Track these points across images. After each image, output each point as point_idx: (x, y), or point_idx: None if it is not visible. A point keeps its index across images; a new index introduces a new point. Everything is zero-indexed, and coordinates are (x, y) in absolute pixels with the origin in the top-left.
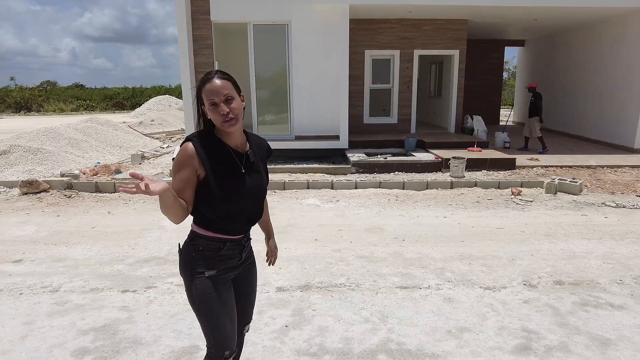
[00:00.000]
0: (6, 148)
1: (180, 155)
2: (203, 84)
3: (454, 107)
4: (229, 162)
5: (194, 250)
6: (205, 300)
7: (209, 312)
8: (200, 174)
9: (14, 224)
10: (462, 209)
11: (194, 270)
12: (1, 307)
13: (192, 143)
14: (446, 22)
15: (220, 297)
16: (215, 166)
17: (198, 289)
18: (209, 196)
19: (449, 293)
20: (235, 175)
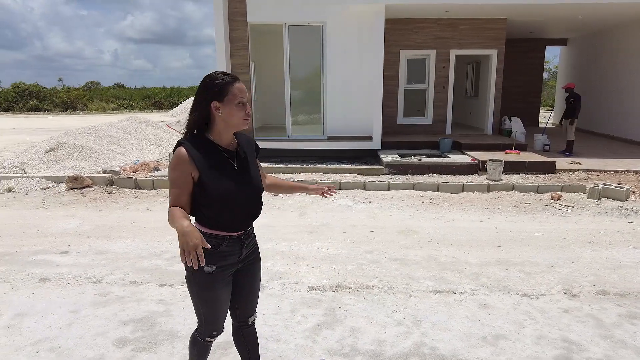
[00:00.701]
0: (54, 145)
1: (173, 160)
2: (232, 83)
3: (491, 108)
4: (222, 161)
5: None
6: (201, 292)
7: (206, 302)
8: (194, 175)
9: (61, 218)
10: (499, 213)
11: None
12: (50, 295)
13: (184, 147)
14: (484, 21)
15: (217, 291)
16: (208, 166)
17: (196, 281)
18: (206, 195)
19: (484, 299)
20: (229, 173)
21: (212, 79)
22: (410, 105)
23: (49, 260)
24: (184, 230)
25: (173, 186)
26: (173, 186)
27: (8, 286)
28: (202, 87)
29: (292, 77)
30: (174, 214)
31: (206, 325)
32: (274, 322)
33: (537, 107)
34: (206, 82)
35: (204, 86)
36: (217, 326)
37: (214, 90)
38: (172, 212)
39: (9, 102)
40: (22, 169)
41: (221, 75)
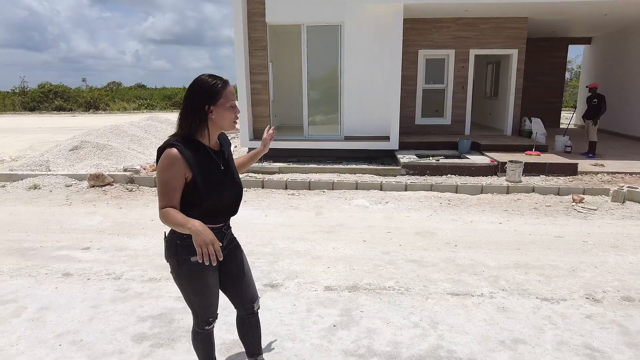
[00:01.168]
0: (77, 144)
1: (166, 161)
2: (224, 87)
3: (511, 108)
4: (210, 161)
5: (179, 238)
6: (190, 281)
7: (193, 291)
8: (187, 176)
9: (83, 214)
10: (519, 216)
11: (180, 256)
12: (72, 290)
13: (177, 148)
14: (504, 21)
15: (204, 278)
16: (200, 166)
17: (184, 271)
18: (197, 194)
19: (502, 302)
20: (217, 172)
21: (204, 82)
22: (428, 106)
23: (72, 256)
24: (197, 229)
25: (165, 187)
26: (165, 187)
27: (32, 280)
28: (196, 90)
29: (310, 77)
30: (174, 215)
31: (201, 315)
32: (290, 321)
33: (558, 107)
34: (199, 85)
35: (198, 90)
36: (211, 313)
37: (207, 93)
38: (169, 213)
39: (36, 102)
40: (47, 166)
41: (213, 78)
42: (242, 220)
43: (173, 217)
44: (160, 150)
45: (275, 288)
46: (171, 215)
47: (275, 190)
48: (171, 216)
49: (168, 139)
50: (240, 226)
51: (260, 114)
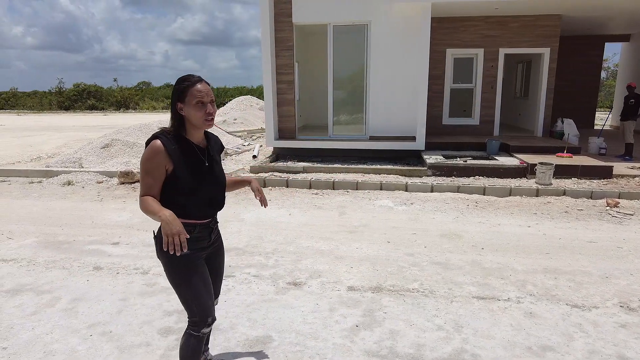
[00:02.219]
0: (108, 142)
1: (149, 152)
2: (192, 85)
3: (542, 109)
4: (195, 157)
5: None
6: (184, 275)
7: (189, 285)
8: (168, 168)
9: (113, 210)
10: (549, 219)
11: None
12: (102, 283)
13: (160, 140)
14: (536, 18)
15: (197, 270)
16: (182, 160)
17: (177, 267)
18: (179, 187)
19: (530, 307)
20: (201, 167)
21: (177, 82)
22: (456, 106)
23: (102, 250)
24: (167, 218)
25: (147, 176)
26: (147, 176)
27: (66, 272)
28: (173, 90)
29: (335, 77)
30: (150, 204)
31: (199, 311)
32: (312, 320)
33: (592, 108)
34: (175, 85)
35: (174, 90)
36: (208, 310)
37: (177, 92)
38: (147, 201)
39: (70, 102)
40: (80, 163)
41: (184, 78)
42: (267, 218)
43: (149, 204)
44: (147, 143)
45: (299, 286)
46: (147, 203)
47: (299, 189)
48: (147, 204)
49: (155, 132)
50: (264, 224)
51: (286, 113)
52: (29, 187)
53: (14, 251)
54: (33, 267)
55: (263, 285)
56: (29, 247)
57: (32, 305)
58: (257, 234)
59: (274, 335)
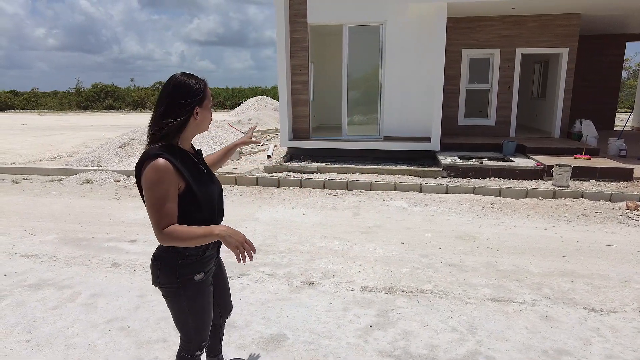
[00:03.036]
0: (126, 141)
1: (155, 175)
2: (206, 87)
3: (559, 109)
4: (195, 166)
5: (180, 257)
6: (191, 303)
7: (196, 313)
8: (180, 186)
9: (130, 208)
10: (565, 222)
11: (182, 277)
12: (120, 279)
13: (164, 158)
14: (554, 18)
15: (205, 298)
16: (190, 173)
17: (189, 293)
18: (195, 203)
19: (546, 310)
20: (203, 176)
21: (188, 84)
22: (471, 106)
23: (120, 248)
24: (228, 232)
25: (161, 202)
26: (161, 202)
27: (85, 268)
28: (182, 92)
29: (350, 77)
30: (187, 231)
31: (195, 337)
32: (326, 319)
33: (612, 109)
34: (185, 87)
35: (184, 92)
36: (205, 335)
37: (197, 96)
38: (182, 230)
39: (89, 101)
40: (98, 162)
41: (194, 79)
42: (281, 218)
43: (187, 232)
44: (139, 165)
45: (312, 286)
46: (183, 231)
47: (313, 189)
48: (184, 232)
49: (148, 150)
50: (278, 224)
51: (300, 114)
52: (49, 185)
53: (36, 247)
54: (54, 263)
55: (277, 284)
56: (50, 243)
57: (54, 300)
58: (271, 233)
59: (288, 333)
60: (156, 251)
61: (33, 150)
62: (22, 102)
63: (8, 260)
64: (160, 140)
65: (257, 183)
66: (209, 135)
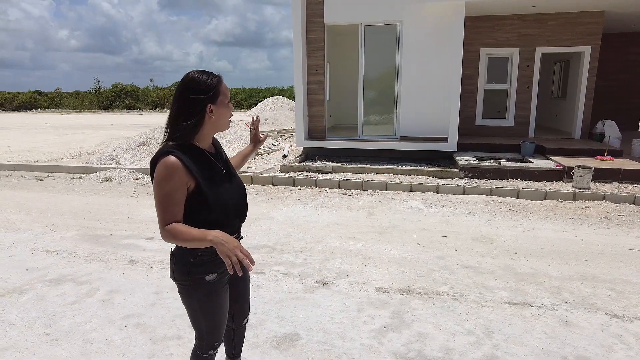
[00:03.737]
0: (144, 140)
1: (164, 171)
2: (220, 82)
3: (580, 110)
4: (212, 166)
5: (192, 256)
6: (203, 303)
7: (207, 313)
8: (190, 185)
9: (148, 206)
10: (586, 224)
11: (194, 276)
12: (137, 276)
13: (174, 155)
14: (576, 16)
15: (218, 299)
16: (202, 173)
17: (199, 293)
18: (204, 204)
19: (566, 315)
20: (220, 177)
21: (201, 80)
22: (489, 106)
23: (137, 245)
24: (221, 239)
25: (167, 200)
26: (167, 200)
27: (103, 265)
28: (194, 89)
29: (366, 77)
30: (185, 231)
31: (207, 337)
32: (340, 320)
33: (637, 109)
34: (197, 84)
35: (196, 89)
36: (218, 336)
37: (209, 92)
38: (177, 229)
39: (109, 101)
40: (118, 161)
41: (207, 75)
42: (296, 217)
43: (185, 232)
44: (154, 162)
45: (327, 286)
46: (181, 231)
47: (328, 189)
48: (182, 232)
49: (162, 147)
50: (293, 223)
51: (316, 114)
52: (70, 182)
53: (56, 243)
54: (73, 259)
55: (291, 283)
56: (70, 239)
57: (73, 295)
58: (286, 233)
59: (302, 333)
60: (173, 247)
61: (55, 148)
62: (46, 102)
63: (30, 255)
64: (176, 139)
65: (272, 182)
66: (226, 135)
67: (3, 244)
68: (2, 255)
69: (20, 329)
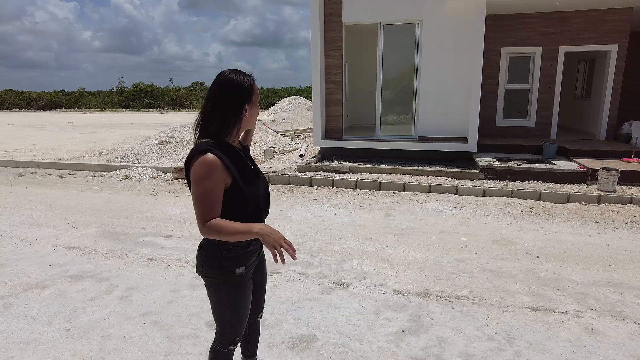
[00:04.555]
0: (164, 139)
1: (204, 169)
2: (254, 83)
3: (606, 110)
4: (243, 162)
5: (224, 249)
6: (231, 296)
7: (234, 306)
8: (227, 181)
9: (167, 204)
10: (612, 229)
11: (225, 269)
12: (155, 274)
13: (213, 153)
14: (602, 13)
15: (245, 291)
16: (237, 169)
17: (228, 286)
18: (240, 198)
19: (591, 323)
20: (250, 172)
21: (238, 80)
22: (510, 106)
23: (155, 243)
24: (267, 231)
25: (207, 196)
26: (207, 196)
27: (122, 262)
28: (231, 89)
29: (384, 76)
30: (229, 225)
31: (230, 331)
32: (357, 322)
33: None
34: (234, 84)
35: (234, 89)
36: (240, 330)
37: (246, 92)
38: (220, 224)
39: (129, 100)
40: (137, 159)
41: (243, 75)
42: (312, 217)
43: (229, 227)
44: (189, 159)
45: (344, 287)
46: (225, 226)
47: (345, 189)
48: (225, 227)
49: (198, 145)
50: (310, 223)
51: (333, 113)
52: (91, 180)
53: (77, 239)
54: (93, 256)
55: (308, 284)
56: (90, 236)
57: (92, 291)
58: (302, 232)
59: (318, 334)
60: (202, 241)
61: (77, 146)
62: (70, 101)
63: (52, 251)
64: (210, 136)
65: (289, 182)
66: None
67: (27, 239)
68: (26, 251)
69: (42, 324)
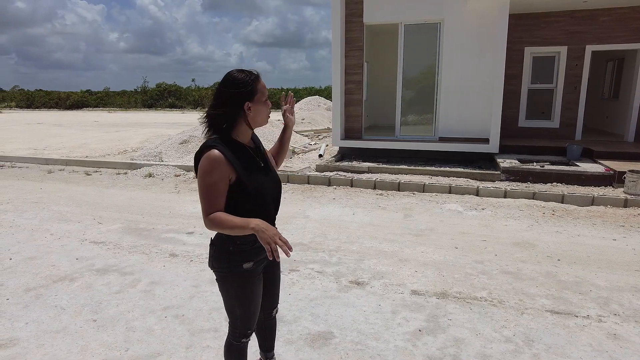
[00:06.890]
0: (186, 138)
1: (208, 164)
2: (257, 79)
3: (635, 111)
4: (251, 160)
5: (231, 244)
6: (238, 290)
7: (242, 300)
8: (231, 177)
9: (188, 202)
10: (638, 233)
11: (232, 263)
12: (177, 269)
13: (218, 149)
14: (632, 10)
15: (253, 287)
16: (242, 166)
17: (237, 280)
18: (244, 195)
19: (614, 328)
20: (258, 170)
21: (239, 79)
22: (533, 107)
23: (177, 239)
24: (262, 227)
25: (210, 191)
26: (210, 191)
27: (145, 257)
28: (232, 88)
29: (405, 76)
30: (227, 219)
31: (241, 325)
32: (374, 321)
33: None
34: (235, 82)
35: (234, 87)
36: (251, 324)
37: (246, 89)
38: (220, 217)
39: (153, 100)
40: (160, 157)
41: (245, 74)
42: (331, 216)
43: (227, 220)
44: (198, 155)
45: (361, 286)
46: (224, 220)
47: (363, 189)
48: (224, 220)
49: (205, 141)
50: (328, 222)
51: (353, 113)
52: (116, 177)
53: (102, 235)
54: (118, 251)
55: (326, 282)
56: (115, 232)
57: (117, 285)
58: (321, 231)
59: (336, 332)
60: (214, 236)
61: (103, 145)
62: (96, 101)
63: (80, 245)
64: (214, 132)
65: (308, 181)
66: (263, 134)
67: (56, 233)
68: (56, 245)
69: (70, 314)
